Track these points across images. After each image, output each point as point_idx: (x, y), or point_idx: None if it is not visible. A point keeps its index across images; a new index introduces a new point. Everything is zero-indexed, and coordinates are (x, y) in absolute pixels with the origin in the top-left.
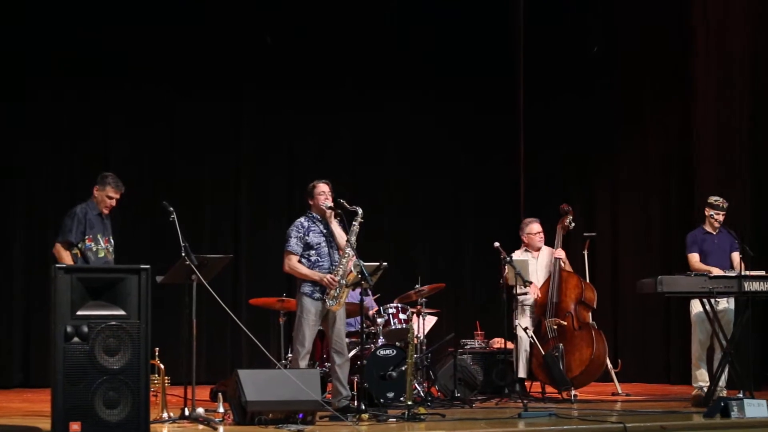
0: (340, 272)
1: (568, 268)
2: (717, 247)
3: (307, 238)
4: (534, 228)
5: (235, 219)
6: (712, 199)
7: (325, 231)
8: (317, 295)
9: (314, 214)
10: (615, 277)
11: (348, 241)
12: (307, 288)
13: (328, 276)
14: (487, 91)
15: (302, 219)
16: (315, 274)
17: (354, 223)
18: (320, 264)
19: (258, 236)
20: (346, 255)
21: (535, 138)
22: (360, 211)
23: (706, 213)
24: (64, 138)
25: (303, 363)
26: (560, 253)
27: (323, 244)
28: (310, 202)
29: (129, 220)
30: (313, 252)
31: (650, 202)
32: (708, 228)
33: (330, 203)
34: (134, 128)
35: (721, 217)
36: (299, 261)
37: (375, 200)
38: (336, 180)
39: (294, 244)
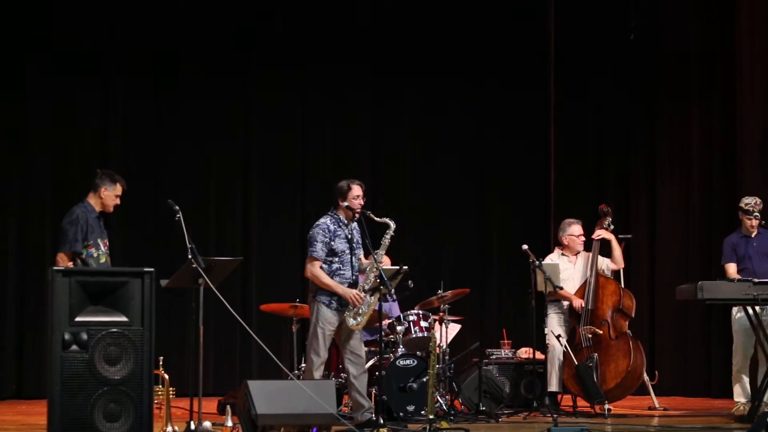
0: (367, 288)
1: (616, 249)
2: (756, 251)
3: (332, 243)
4: (576, 230)
5: (244, 218)
6: (744, 202)
7: (349, 236)
8: (335, 305)
9: (340, 217)
10: (652, 283)
11: (375, 255)
12: (324, 297)
13: (354, 292)
14: (515, 81)
15: (327, 221)
16: (339, 287)
17: (386, 236)
18: (341, 273)
19: (269, 236)
20: (374, 271)
21: (566, 133)
22: (392, 224)
23: (740, 217)
24: (59, 131)
25: (317, 374)
26: (602, 233)
27: (347, 251)
28: (340, 203)
29: (130, 220)
30: (336, 259)
31: (690, 202)
32: (745, 232)
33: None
34: (133, 121)
35: (755, 222)
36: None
37: (394, 198)
38: (353, 175)
39: (320, 249)
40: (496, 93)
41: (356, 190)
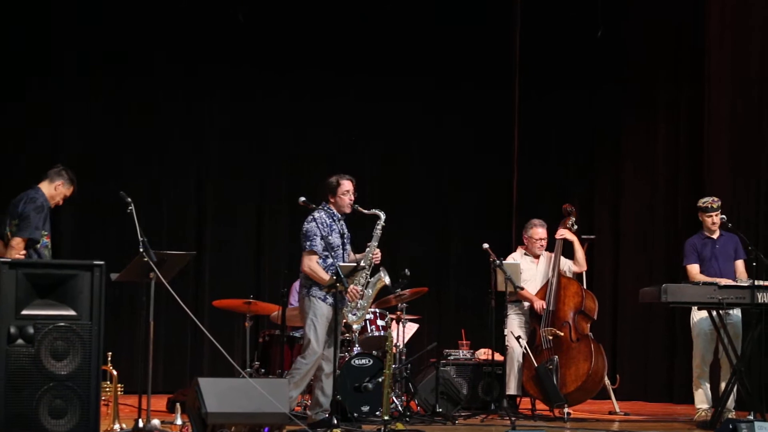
0: (362, 281)
1: (579, 251)
2: (719, 252)
3: (329, 237)
4: (537, 232)
5: (198, 211)
6: (701, 201)
7: (341, 231)
8: (330, 300)
9: (333, 211)
10: (615, 285)
11: (368, 246)
12: (319, 292)
13: (352, 287)
14: (478, 78)
15: (323, 215)
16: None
17: (377, 228)
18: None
19: (224, 231)
20: (369, 263)
21: (530, 131)
22: (383, 215)
23: (700, 218)
24: (9, 121)
25: (313, 370)
26: (564, 233)
27: (340, 246)
28: (331, 199)
29: (81, 212)
30: (331, 254)
31: (655, 203)
32: (707, 232)
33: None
34: (86, 112)
35: (716, 219)
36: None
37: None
38: (313, 172)
39: (318, 243)
40: (459, 90)
41: (345, 185)
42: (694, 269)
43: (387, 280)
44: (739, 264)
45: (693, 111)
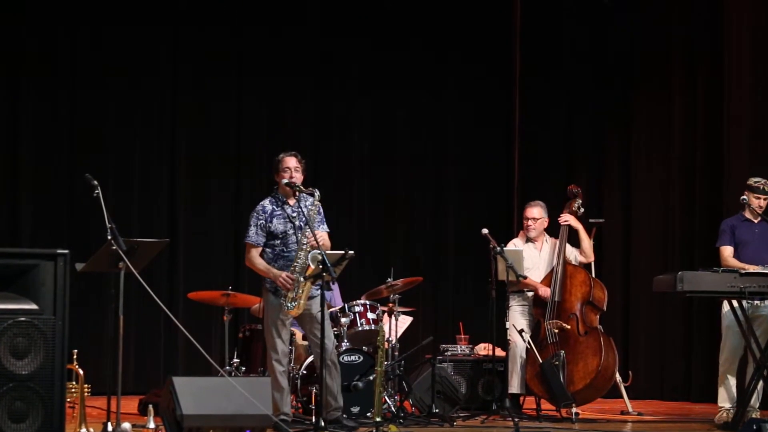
0: (297, 268)
1: (585, 240)
2: (758, 237)
3: (270, 225)
4: (529, 212)
5: (170, 196)
6: (752, 180)
7: (293, 215)
8: (280, 292)
9: (280, 195)
10: (626, 273)
11: (298, 231)
12: (268, 284)
13: (284, 274)
14: (477, 55)
15: (266, 201)
16: (270, 271)
17: (310, 207)
18: (285, 255)
19: (199, 217)
20: (303, 247)
21: (532, 109)
22: (317, 193)
23: (746, 196)
24: None
25: (280, 368)
26: (567, 218)
27: (290, 231)
28: (277, 180)
29: (43, 197)
30: (278, 242)
31: (671, 184)
32: (748, 215)
33: (297, 181)
34: (50, 96)
35: (763, 203)
36: (263, 252)
37: (340, 176)
38: (295, 149)
39: (253, 234)
40: (456, 67)
41: (286, 161)
42: (726, 251)
43: (314, 263)
44: None
45: (711, 84)
